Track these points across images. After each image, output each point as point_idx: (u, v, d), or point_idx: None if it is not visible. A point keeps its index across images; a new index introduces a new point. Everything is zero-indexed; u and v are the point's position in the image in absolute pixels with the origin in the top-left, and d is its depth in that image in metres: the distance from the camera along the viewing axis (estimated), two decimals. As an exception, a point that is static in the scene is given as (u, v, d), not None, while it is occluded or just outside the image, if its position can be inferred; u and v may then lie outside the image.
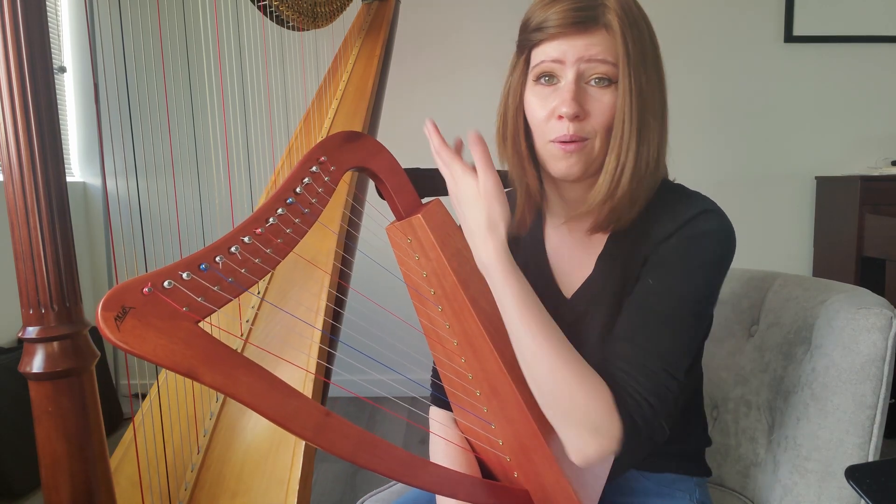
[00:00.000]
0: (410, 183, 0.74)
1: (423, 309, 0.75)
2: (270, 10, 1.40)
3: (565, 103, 0.68)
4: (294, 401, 0.54)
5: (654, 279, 0.71)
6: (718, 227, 0.72)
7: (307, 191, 0.62)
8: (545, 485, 0.72)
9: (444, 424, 0.82)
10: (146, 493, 0.83)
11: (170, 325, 0.49)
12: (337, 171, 0.65)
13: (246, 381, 0.52)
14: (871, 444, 0.81)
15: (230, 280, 0.54)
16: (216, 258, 0.53)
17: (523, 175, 0.78)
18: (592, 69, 0.68)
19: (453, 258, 0.73)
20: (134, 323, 0.48)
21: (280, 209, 0.59)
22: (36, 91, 0.57)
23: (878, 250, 2.29)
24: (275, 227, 0.58)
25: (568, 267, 0.82)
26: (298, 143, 1.51)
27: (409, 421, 0.88)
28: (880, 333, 0.80)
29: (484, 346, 0.71)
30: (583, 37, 0.68)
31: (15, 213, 0.58)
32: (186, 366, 0.49)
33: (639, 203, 0.72)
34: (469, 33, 2.64)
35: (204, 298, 0.52)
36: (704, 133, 2.72)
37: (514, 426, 0.72)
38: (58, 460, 0.60)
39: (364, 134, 0.69)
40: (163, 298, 0.50)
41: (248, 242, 0.56)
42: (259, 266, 0.56)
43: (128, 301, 0.48)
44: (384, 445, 0.60)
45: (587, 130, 0.70)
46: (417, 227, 0.73)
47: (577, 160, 0.71)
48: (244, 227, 0.57)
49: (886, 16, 2.62)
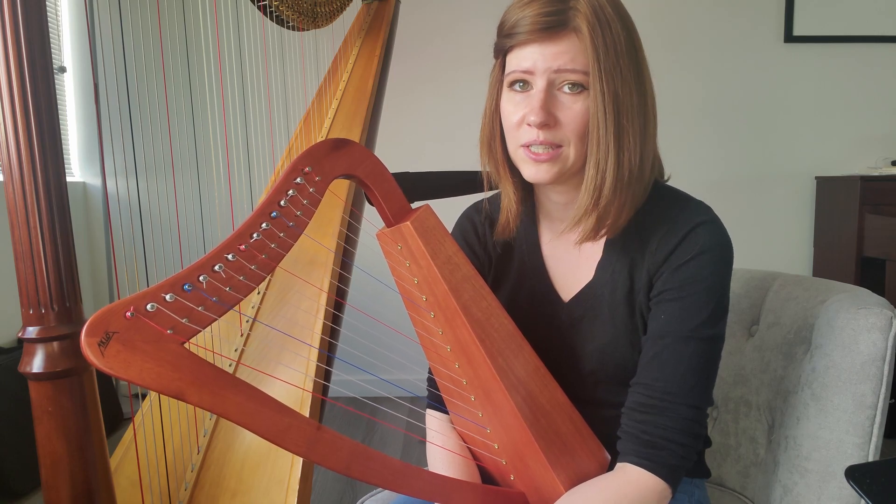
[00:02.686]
0: (399, 189, 0.73)
1: (416, 316, 0.75)
2: (270, 10, 1.40)
3: (534, 112, 0.68)
4: (285, 417, 0.54)
5: (664, 314, 0.71)
6: (716, 242, 0.71)
7: (292, 203, 0.61)
8: (541, 488, 0.72)
9: (440, 427, 0.82)
10: (146, 493, 0.83)
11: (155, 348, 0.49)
12: (322, 181, 0.64)
13: (236, 401, 0.52)
14: (871, 444, 0.80)
15: (215, 299, 0.53)
16: (200, 277, 0.53)
17: (499, 179, 0.78)
18: (563, 78, 0.68)
19: (444, 266, 0.72)
20: (118, 348, 0.47)
21: (264, 223, 0.58)
22: (36, 91, 0.57)
23: (878, 250, 2.29)
24: (259, 242, 0.57)
25: (566, 271, 0.81)
26: (298, 143, 1.51)
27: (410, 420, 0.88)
28: (880, 333, 0.80)
29: (476, 353, 0.71)
30: (552, 43, 0.67)
31: (15, 213, 0.58)
32: (174, 388, 0.49)
33: (627, 208, 0.71)
34: (469, 33, 2.63)
35: (188, 319, 0.51)
36: (704, 133, 2.72)
37: (508, 431, 0.72)
38: (58, 460, 0.60)
39: (350, 141, 0.68)
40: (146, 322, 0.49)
41: (232, 260, 0.55)
42: (244, 283, 0.55)
43: (111, 326, 0.48)
44: (377, 456, 0.60)
45: (559, 138, 0.69)
46: (407, 234, 0.72)
47: (549, 168, 0.70)
48: (228, 243, 0.56)
49: (886, 16, 2.62)
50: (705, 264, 0.70)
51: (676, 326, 0.70)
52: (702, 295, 0.70)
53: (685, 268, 0.70)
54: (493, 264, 0.87)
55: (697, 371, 0.69)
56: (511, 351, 0.73)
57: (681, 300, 0.70)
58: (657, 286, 0.73)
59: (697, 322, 0.69)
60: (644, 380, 0.71)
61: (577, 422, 0.75)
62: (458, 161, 2.58)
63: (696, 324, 0.69)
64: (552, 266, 0.82)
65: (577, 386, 0.77)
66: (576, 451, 0.74)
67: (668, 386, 0.69)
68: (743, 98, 2.71)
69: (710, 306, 0.70)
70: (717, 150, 2.73)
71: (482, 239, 0.88)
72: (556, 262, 0.82)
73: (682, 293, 0.70)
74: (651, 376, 0.70)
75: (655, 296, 0.73)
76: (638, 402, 0.70)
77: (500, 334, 0.73)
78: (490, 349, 0.71)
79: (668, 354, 0.69)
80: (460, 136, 2.63)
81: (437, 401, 0.81)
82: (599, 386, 0.78)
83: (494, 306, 0.74)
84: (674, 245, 0.71)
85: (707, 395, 0.70)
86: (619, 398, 0.77)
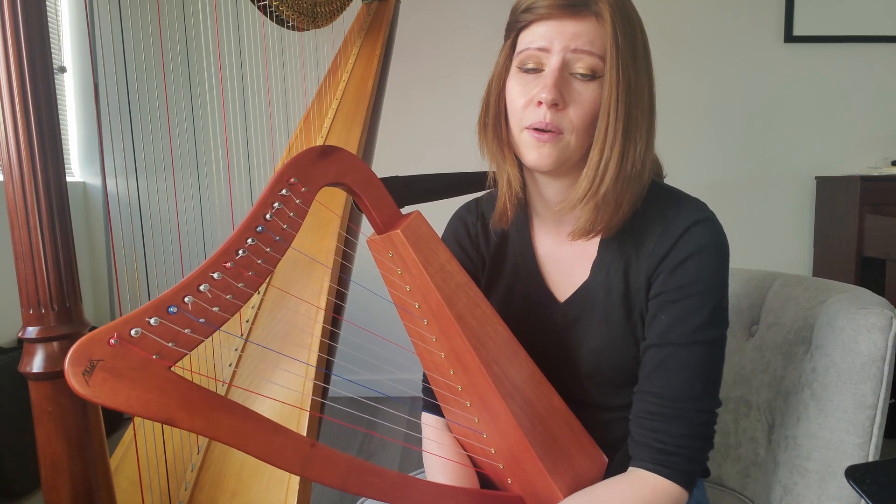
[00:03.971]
0: (389, 196, 0.71)
1: (409, 323, 0.73)
2: (270, 10, 1.40)
3: (546, 89, 0.67)
4: (278, 437, 0.53)
5: (665, 316, 0.70)
6: (712, 240, 0.70)
7: (278, 216, 0.59)
8: (538, 492, 0.71)
9: (437, 432, 0.81)
10: (146, 493, 0.83)
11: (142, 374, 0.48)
12: (309, 191, 0.62)
13: (227, 423, 0.51)
14: (871, 444, 0.80)
15: (201, 320, 0.52)
16: (185, 299, 0.51)
17: (503, 161, 0.76)
18: (578, 60, 0.67)
19: (437, 274, 0.70)
20: (104, 376, 0.46)
21: (250, 239, 0.56)
22: (36, 91, 0.57)
23: (878, 250, 2.29)
24: (245, 259, 0.55)
25: (561, 271, 0.80)
26: (298, 143, 1.51)
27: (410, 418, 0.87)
28: (880, 333, 0.80)
29: (471, 361, 0.70)
30: (572, 22, 0.66)
31: (15, 213, 0.58)
32: (164, 414, 0.48)
33: (624, 207, 0.70)
34: (469, 33, 2.64)
35: (175, 343, 0.50)
36: (704, 133, 2.72)
37: (505, 437, 0.71)
38: (58, 460, 0.60)
39: (338, 148, 0.66)
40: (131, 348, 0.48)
41: (217, 279, 0.53)
42: (231, 302, 0.54)
43: (95, 354, 0.46)
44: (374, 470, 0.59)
45: (563, 123, 0.68)
46: (398, 242, 0.70)
47: (550, 151, 0.68)
48: (213, 261, 0.54)
49: (886, 16, 2.62)
50: (702, 264, 0.69)
51: (678, 330, 0.69)
52: (701, 296, 0.69)
53: (682, 268, 0.70)
54: (487, 266, 0.86)
55: (703, 375, 0.69)
56: (506, 358, 0.72)
57: (680, 302, 0.70)
58: (655, 287, 0.72)
59: (698, 324, 0.69)
60: (651, 388, 0.70)
61: (573, 426, 0.75)
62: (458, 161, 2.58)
63: (697, 326, 0.69)
64: (546, 267, 0.81)
65: (572, 388, 0.77)
66: (573, 455, 0.73)
67: (676, 394, 0.68)
68: (743, 98, 2.71)
69: (709, 306, 0.69)
70: (716, 150, 2.73)
71: (475, 240, 0.86)
72: (551, 263, 0.81)
73: (680, 295, 0.70)
74: (658, 385, 0.69)
75: (654, 297, 0.72)
76: (647, 411, 0.70)
77: (494, 342, 0.72)
78: (485, 357, 0.70)
79: (674, 362, 0.69)
80: (460, 137, 2.63)
81: (433, 405, 0.81)
82: (595, 388, 0.78)
83: (489, 314, 0.73)
84: (669, 245, 0.71)
85: (715, 397, 0.70)
86: (616, 400, 0.77)
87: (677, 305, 0.70)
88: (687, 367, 0.68)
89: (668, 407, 0.68)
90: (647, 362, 0.71)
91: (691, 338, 0.69)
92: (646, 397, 0.70)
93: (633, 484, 0.68)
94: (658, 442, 0.68)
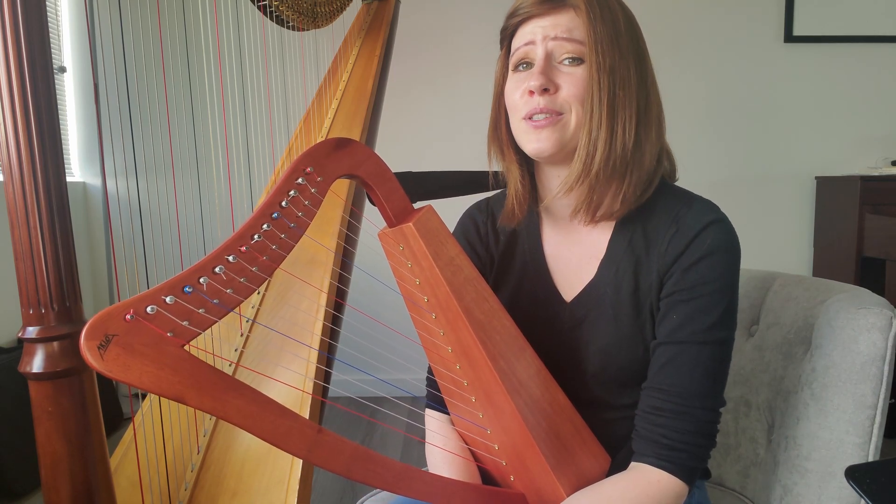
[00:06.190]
0: (402, 189, 0.73)
1: (417, 316, 0.74)
2: (270, 10, 1.40)
3: (533, 76, 0.71)
4: (286, 420, 0.54)
5: (676, 315, 0.71)
6: (726, 241, 0.71)
7: (293, 204, 0.60)
8: (541, 489, 0.72)
9: (440, 427, 0.82)
10: (146, 493, 0.83)
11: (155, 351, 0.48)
12: (324, 181, 0.63)
13: (236, 404, 0.51)
14: (871, 444, 0.81)
15: (215, 301, 0.52)
16: (200, 279, 0.52)
17: (506, 162, 0.80)
18: (561, 48, 0.71)
19: (446, 267, 0.71)
20: (118, 351, 0.47)
21: (265, 225, 0.57)
22: (36, 91, 0.57)
23: (878, 250, 2.29)
24: (260, 243, 0.56)
25: (568, 270, 0.81)
26: (298, 143, 1.51)
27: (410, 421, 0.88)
28: (880, 333, 0.80)
29: (478, 355, 0.71)
30: (552, 16, 0.72)
31: (15, 213, 0.58)
32: (174, 391, 0.49)
33: (625, 192, 0.73)
34: (469, 33, 2.64)
35: (189, 322, 0.51)
36: (704, 133, 2.72)
37: (509, 433, 0.72)
38: (58, 460, 0.60)
39: (353, 140, 0.67)
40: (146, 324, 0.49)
41: (232, 261, 0.54)
42: (244, 285, 0.55)
43: (110, 329, 0.47)
44: (378, 459, 0.60)
45: (559, 103, 0.71)
46: (409, 235, 0.71)
47: (549, 135, 0.71)
48: (228, 245, 0.55)
49: (886, 16, 2.62)
50: (716, 265, 0.70)
51: (689, 329, 0.70)
52: (713, 296, 0.70)
53: (696, 268, 0.71)
54: (495, 264, 0.87)
55: (712, 374, 0.70)
56: (513, 353, 0.73)
57: (692, 301, 0.70)
58: (667, 287, 0.73)
59: (710, 324, 0.69)
60: (659, 384, 0.71)
61: (578, 424, 0.75)
62: (458, 161, 2.58)
63: (708, 326, 0.69)
64: (554, 265, 0.82)
65: (578, 387, 0.77)
66: (576, 453, 0.74)
67: (684, 390, 0.69)
68: (743, 98, 2.71)
69: (721, 307, 0.70)
70: (716, 150, 2.73)
71: (484, 239, 0.88)
72: (559, 262, 0.82)
73: (693, 294, 0.71)
74: (666, 381, 0.70)
75: (666, 297, 0.73)
76: (654, 407, 0.70)
77: (501, 336, 0.73)
78: (492, 352, 0.71)
79: (683, 359, 0.70)
80: (460, 137, 2.64)
81: (436, 401, 0.81)
82: (600, 387, 0.78)
83: (497, 308, 0.74)
84: (684, 245, 0.72)
85: (721, 396, 0.71)
86: (621, 400, 0.77)
87: (689, 305, 0.70)
88: (696, 366, 0.69)
89: (675, 403, 0.69)
90: (657, 359, 0.72)
91: (702, 337, 0.69)
92: (653, 393, 0.71)
93: (637, 479, 0.69)
94: (664, 437, 0.69)
